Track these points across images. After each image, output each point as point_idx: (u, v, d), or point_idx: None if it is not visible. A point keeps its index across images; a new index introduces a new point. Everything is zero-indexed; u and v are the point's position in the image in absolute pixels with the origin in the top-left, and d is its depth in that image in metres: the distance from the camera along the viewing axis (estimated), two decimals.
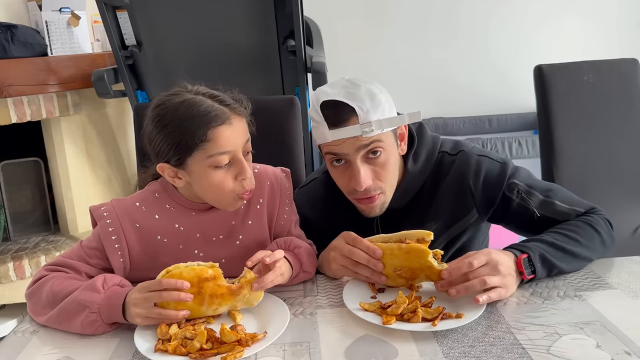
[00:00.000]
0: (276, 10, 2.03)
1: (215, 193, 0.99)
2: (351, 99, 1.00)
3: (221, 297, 0.90)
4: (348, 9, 2.97)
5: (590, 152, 1.61)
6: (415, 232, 0.97)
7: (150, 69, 2.20)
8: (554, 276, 1.02)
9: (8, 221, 2.44)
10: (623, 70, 1.66)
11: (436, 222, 1.14)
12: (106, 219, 1.01)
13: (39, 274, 0.99)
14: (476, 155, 1.13)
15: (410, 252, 0.94)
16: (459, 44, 3.03)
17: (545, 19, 3.00)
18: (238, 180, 0.98)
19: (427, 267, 0.94)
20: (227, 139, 0.95)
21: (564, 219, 1.10)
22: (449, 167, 1.14)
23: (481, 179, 1.12)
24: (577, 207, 1.11)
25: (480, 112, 3.05)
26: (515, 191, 1.11)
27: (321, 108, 1.02)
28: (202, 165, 0.96)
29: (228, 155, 0.96)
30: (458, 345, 0.82)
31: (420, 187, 1.14)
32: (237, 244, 1.07)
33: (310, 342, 0.85)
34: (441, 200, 1.14)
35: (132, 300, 0.88)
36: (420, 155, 1.14)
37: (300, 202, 1.21)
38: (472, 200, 1.13)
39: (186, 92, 0.99)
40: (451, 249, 1.18)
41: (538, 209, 1.10)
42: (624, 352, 0.77)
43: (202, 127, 0.94)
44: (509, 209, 1.12)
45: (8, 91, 2.07)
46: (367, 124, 1.00)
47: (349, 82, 1.04)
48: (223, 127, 0.95)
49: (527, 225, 1.13)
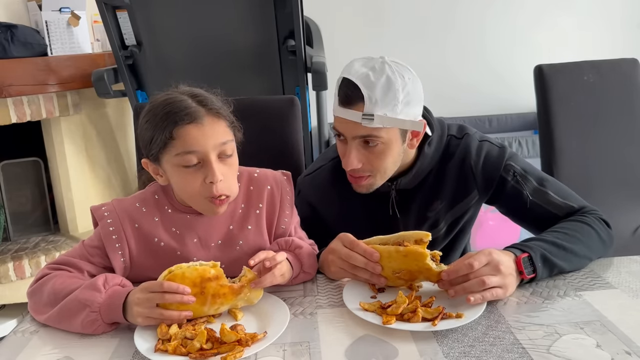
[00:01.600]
0: (276, 10, 2.03)
1: (187, 194, 1.00)
2: (367, 86, 1.02)
3: (223, 297, 0.90)
4: (348, 8, 2.97)
5: (590, 152, 1.61)
6: (413, 234, 0.96)
7: (150, 69, 2.20)
8: (554, 276, 1.02)
9: (8, 221, 2.44)
10: (623, 70, 1.66)
11: (442, 201, 1.20)
12: (107, 219, 1.02)
13: (41, 272, 0.99)
14: (478, 139, 1.19)
15: (408, 255, 0.93)
16: (459, 43, 3.03)
17: (546, 19, 3.00)
18: (207, 183, 0.96)
19: (425, 269, 0.94)
20: (194, 138, 0.94)
21: (556, 211, 1.12)
22: (454, 150, 1.19)
23: (481, 161, 1.17)
24: (570, 201, 1.13)
25: (480, 112, 3.05)
26: (511, 173, 1.15)
27: (342, 82, 1.06)
28: (172, 163, 0.97)
29: (195, 155, 0.95)
30: (458, 345, 0.82)
31: (430, 169, 1.19)
32: (237, 249, 1.06)
33: (310, 342, 0.85)
34: (447, 181, 1.19)
35: (135, 299, 0.88)
36: (434, 139, 1.18)
37: (306, 188, 1.25)
38: (474, 181, 1.18)
39: (175, 90, 1.00)
40: (454, 228, 1.24)
41: (531, 195, 1.13)
42: (624, 352, 0.77)
43: (170, 125, 0.94)
44: (503, 190, 1.16)
45: (8, 91, 2.07)
46: (369, 115, 1.02)
47: (381, 64, 1.04)
48: (190, 127, 0.94)
49: (519, 210, 1.17)
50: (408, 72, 1.06)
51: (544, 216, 1.13)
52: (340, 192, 1.22)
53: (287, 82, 2.18)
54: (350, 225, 1.14)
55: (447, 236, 1.26)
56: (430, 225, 1.22)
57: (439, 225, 1.22)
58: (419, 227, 1.21)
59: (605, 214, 1.12)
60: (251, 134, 1.09)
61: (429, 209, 1.20)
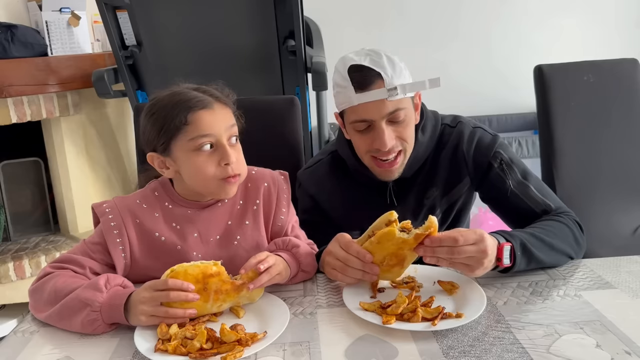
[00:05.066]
0: (276, 10, 2.03)
1: (200, 179, 1.01)
2: (376, 65, 1.08)
3: (226, 293, 0.91)
4: (348, 8, 2.97)
5: (590, 152, 1.61)
6: (379, 220, 0.97)
7: (150, 69, 2.20)
8: (532, 270, 1.03)
9: (8, 221, 2.44)
10: (623, 70, 1.65)
11: (437, 188, 1.23)
12: (108, 215, 1.03)
13: (44, 271, 0.99)
14: (471, 126, 1.23)
15: (381, 241, 0.94)
16: (459, 44, 3.03)
17: (546, 19, 2.99)
18: (221, 166, 1.00)
19: (401, 243, 0.93)
20: (208, 122, 0.98)
21: (533, 207, 1.15)
22: (448, 137, 1.23)
23: (473, 147, 1.20)
24: (548, 200, 1.16)
25: (480, 112, 3.05)
26: (499, 160, 1.18)
27: (348, 71, 1.08)
28: (185, 150, 0.99)
29: (209, 138, 0.98)
30: (458, 345, 0.82)
31: (426, 157, 1.22)
32: (234, 244, 1.08)
33: (310, 342, 0.85)
34: (441, 168, 1.22)
35: (140, 298, 0.88)
36: (427, 127, 1.21)
37: (306, 181, 1.29)
38: (466, 167, 1.21)
39: (176, 86, 1.04)
40: (449, 215, 1.27)
41: (513, 186, 1.16)
42: (624, 352, 0.77)
43: (183, 111, 0.98)
44: (488, 176, 1.19)
45: (8, 91, 2.08)
46: (392, 89, 1.07)
47: (371, 51, 1.12)
48: (203, 111, 0.98)
49: (498, 199, 1.20)
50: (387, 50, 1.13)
51: (521, 209, 1.16)
52: (339, 183, 1.26)
53: (287, 82, 2.18)
54: (350, 215, 1.23)
55: (442, 223, 1.28)
56: (427, 212, 1.24)
57: (435, 212, 1.25)
58: (416, 214, 1.24)
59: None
60: (251, 134, 1.10)
61: (425, 196, 1.23)
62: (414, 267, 1.04)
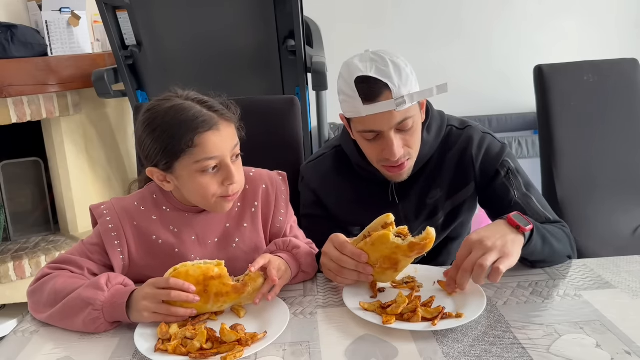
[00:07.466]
0: (276, 10, 2.03)
1: (201, 197, 1.00)
2: (382, 75, 1.05)
3: (226, 295, 0.91)
4: (348, 9, 2.97)
5: (590, 152, 1.61)
6: (377, 221, 0.97)
7: (150, 69, 2.20)
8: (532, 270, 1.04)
9: (8, 221, 2.44)
10: (623, 70, 1.65)
11: (441, 190, 1.22)
12: (106, 217, 1.03)
13: (42, 272, 0.99)
14: (481, 132, 1.22)
15: (375, 243, 0.94)
16: (458, 44, 3.03)
17: (546, 20, 2.99)
18: (225, 185, 0.99)
19: (395, 248, 0.93)
20: (215, 144, 0.96)
21: (534, 218, 1.12)
22: (455, 140, 1.22)
23: (482, 153, 1.20)
24: (548, 213, 1.16)
25: (480, 112, 3.05)
26: (506, 169, 1.18)
27: (355, 82, 1.06)
28: (189, 170, 0.97)
29: (215, 160, 0.97)
30: (458, 345, 0.82)
31: (430, 156, 1.21)
32: (233, 247, 1.08)
33: (310, 342, 0.85)
34: (447, 170, 1.21)
35: (143, 294, 0.89)
36: (432, 126, 1.21)
37: (308, 175, 1.28)
38: (473, 172, 1.20)
39: (176, 97, 1.00)
40: (453, 220, 1.26)
41: (517, 196, 1.15)
42: (624, 352, 0.77)
43: (190, 132, 0.94)
44: (493, 184, 1.19)
45: (8, 91, 2.07)
46: (400, 99, 1.05)
47: (376, 55, 1.08)
48: (210, 133, 0.95)
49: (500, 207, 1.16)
50: (399, 55, 1.10)
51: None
52: (341, 178, 1.25)
53: (287, 82, 2.18)
54: (351, 210, 1.22)
55: (446, 228, 1.27)
56: (429, 213, 1.24)
57: (438, 214, 1.24)
58: (418, 214, 1.24)
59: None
60: (251, 134, 1.10)
61: (428, 196, 1.22)
62: (414, 267, 1.04)
